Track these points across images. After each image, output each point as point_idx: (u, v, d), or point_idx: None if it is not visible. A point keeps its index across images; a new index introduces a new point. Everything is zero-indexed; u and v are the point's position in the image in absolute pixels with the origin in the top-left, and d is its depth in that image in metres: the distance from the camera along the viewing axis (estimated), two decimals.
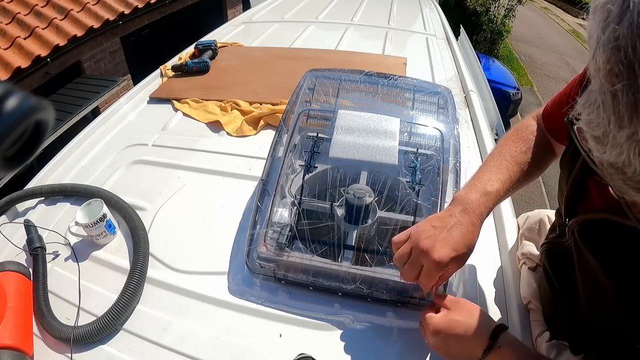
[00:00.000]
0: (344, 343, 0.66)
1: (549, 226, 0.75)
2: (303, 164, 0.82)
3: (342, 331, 0.68)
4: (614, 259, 0.45)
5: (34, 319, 0.70)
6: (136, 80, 2.30)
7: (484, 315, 0.56)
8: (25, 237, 0.82)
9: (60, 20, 3.50)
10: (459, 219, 0.56)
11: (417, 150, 0.84)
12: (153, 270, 0.78)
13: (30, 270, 0.77)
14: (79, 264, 0.80)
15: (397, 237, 0.59)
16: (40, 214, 0.94)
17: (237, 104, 1.29)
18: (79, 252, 0.82)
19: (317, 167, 0.82)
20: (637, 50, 0.22)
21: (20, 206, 0.95)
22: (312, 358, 0.62)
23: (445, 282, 0.61)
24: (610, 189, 0.37)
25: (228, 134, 1.18)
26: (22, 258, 0.81)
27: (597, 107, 0.27)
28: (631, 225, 0.37)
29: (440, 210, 0.71)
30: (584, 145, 0.33)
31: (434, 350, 0.60)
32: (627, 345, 0.47)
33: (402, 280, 0.62)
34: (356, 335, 0.67)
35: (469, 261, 0.78)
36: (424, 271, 0.55)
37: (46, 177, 1.05)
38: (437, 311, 0.59)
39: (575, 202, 0.53)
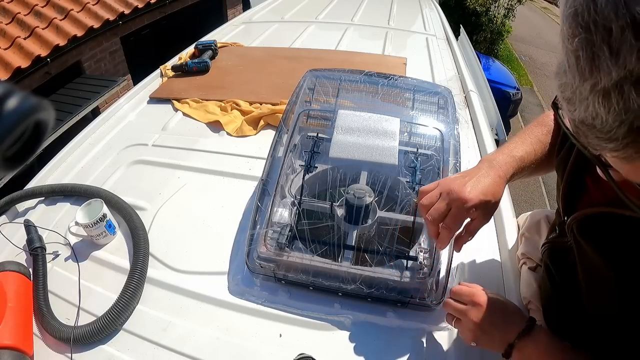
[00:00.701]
0: (344, 343, 0.66)
1: (549, 226, 0.75)
2: (303, 164, 0.82)
3: (342, 331, 0.68)
4: (615, 252, 0.46)
5: (34, 319, 0.70)
6: (136, 80, 2.30)
7: None
8: (25, 237, 0.82)
9: (60, 20, 3.49)
10: (487, 172, 0.59)
11: (417, 150, 0.84)
12: (153, 270, 0.78)
13: (30, 270, 0.77)
14: (79, 264, 0.80)
15: (425, 187, 0.61)
16: (40, 214, 0.94)
17: (237, 104, 1.29)
18: (79, 252, 0.82)
19: (317, 167, 0.83)
20: (591, 12, 0.26)
21: (20, 206, 0.95)
22: (312, 358, 0.62)
23: (470, 238, 0.60)
24: (600, 173, 0.37)
25: (228, 134, 1.18)
26: (22, 258, 0.81)
27: (565, 71, 0.30)
28: (631, 215, 0.37)
29: None
30: (566, 123, 0.35)
31: (464, 328, 0.58)
32: (627, 343, 0.48)
33: (426, 228, 0.62)
34: (356, 335, 0.67)
35: (469, 261, 0.79)
36: (452, 213, 0.56)
37: (46, 177, 1.05)
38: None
39: (572, 199, 0.54)
